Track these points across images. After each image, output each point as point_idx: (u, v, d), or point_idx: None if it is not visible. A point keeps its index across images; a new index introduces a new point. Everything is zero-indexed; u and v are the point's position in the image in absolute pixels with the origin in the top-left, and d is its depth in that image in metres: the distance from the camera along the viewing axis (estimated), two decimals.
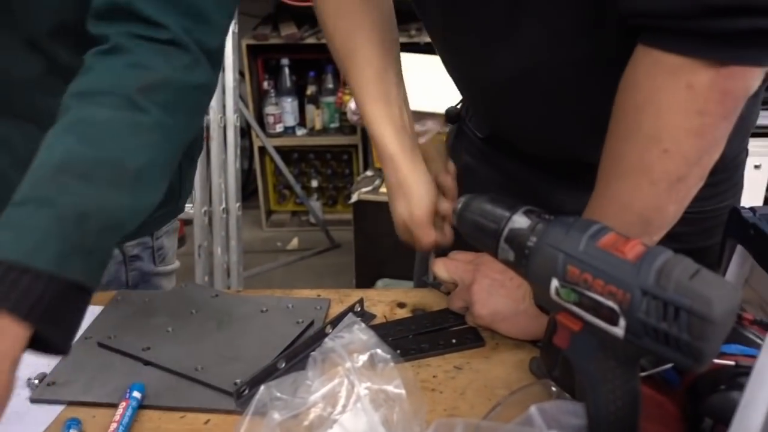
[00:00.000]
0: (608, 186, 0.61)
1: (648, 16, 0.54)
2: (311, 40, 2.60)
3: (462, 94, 0.92)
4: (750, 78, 0.54)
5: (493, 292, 0.74)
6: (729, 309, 0.43)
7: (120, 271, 0.94)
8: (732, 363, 0.56)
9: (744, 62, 0.52)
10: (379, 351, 0.59)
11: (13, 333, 0.51)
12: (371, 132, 0.80)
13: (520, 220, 0.52)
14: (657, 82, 0.55)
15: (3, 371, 0.50)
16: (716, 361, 0.56)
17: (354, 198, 2.14)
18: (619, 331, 0.47)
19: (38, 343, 0.53)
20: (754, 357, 0.58)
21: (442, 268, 0.79)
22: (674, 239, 0.63)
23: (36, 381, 0.70)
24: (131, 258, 0.94)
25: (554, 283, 0.49)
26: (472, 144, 0.95)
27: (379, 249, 2.19)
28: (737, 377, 0.55)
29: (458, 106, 0.98)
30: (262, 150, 2.86)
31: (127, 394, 0.66)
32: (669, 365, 0.61)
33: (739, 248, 0.76)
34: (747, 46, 0.51)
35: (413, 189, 0.77)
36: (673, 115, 0.55)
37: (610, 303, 0.46)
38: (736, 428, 0.42)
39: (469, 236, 0.57)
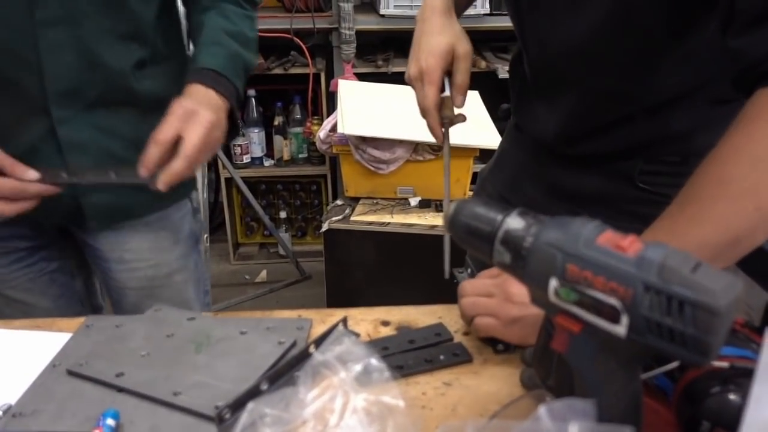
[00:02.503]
0: (710, 207, 0.61)
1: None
2: (278, 71, 2.60)
3: (529, 63, 0.95)
4: None
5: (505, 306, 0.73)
6: (733, 300, 0.43)
7: (192, 223, 1.14)
8: (726, 365, 0.56)
9: None
10: (373, 361, 0.56)
11: (224, 104, 0.93)
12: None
13: (515, 222, 0.51)
14: None
15: (222, 119, 0.91)
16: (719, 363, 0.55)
17: (325, 227, 2.12)
18: (621, 329, 0.46)
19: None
20: (747, 358, 0.58)
21: (468, 288, 0.77)
22: (643, 221, 0.64)
23: (0, 412, 0.66)
24: (194, 209, 1.17)
25: (553, 283, 0.48)
26: (509, 132, 1.08)
27: (351, 278, 2.16)
28: (733, 378, 0.55)
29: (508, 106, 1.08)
30: (229, 181, 2.82)
31: (101, 422, 0.62)
32: (659, 370, 0.60)
33: None
34: None
35: (459, 31, 0.86)
36: None
37: (612, 300, 0.45)
38: (748, 423, 0.40)
39: (463, 241, 0.55)
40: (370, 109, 2.07)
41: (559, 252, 0.48)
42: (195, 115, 0.86)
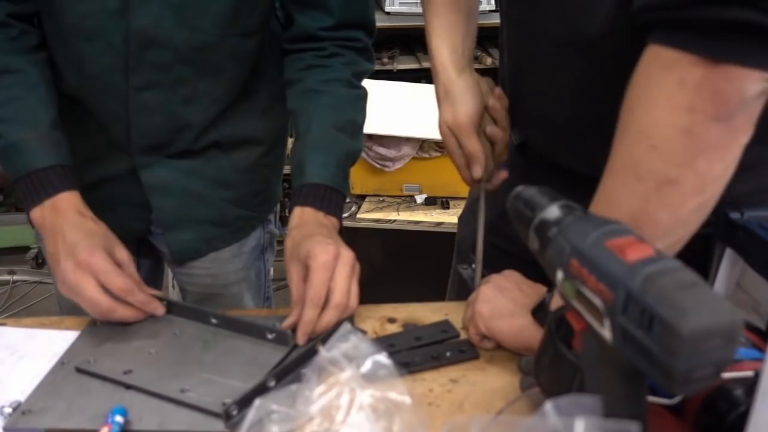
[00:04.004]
0: (602, 184, 0.60)
1: (647, 9, 0.54)
2: None
3: (511, 82, 0.89)
4: (745, 81, 0.51)
5: (498, 294, 0.74)
6: (707, 330, 0.38)
7: (260, 235, 1.12)
8: (751, 373, 0.52)
9: (734, 60, 0.51)
10: (379, 358, 0.56)
11: (333, 222, 0.85)
12: (429, 44, 0.85)
13: (552, 212, 0.52)
14: (651, 76, 0.54)
15: (337, 239, 0.80)
16: (730, 375, 0.53)
17: None
18: (607, 333, 0.45)
19: None
20: None
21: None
22: None
23: (9, 409, 0.66)
24: (266, 221, 1.14)
25: (559, 274, 0.49)
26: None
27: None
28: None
29: None
30: None
31: (109, 419, 0.63)
32: (667, 400, 0.54)
33: (729, 251, 0.76)
34: (738, 43, 0.50)
35: (459, 95, 0.81)
36: (662, 110, 0.54)
37: (597, 301, 0.44)
38: (755, 422, 0.40)
39: (514, 225, 0.57)
40: (376, 107, 2.05)
41: (568, 245, 0.48)
42: (339, 259, 0.75)
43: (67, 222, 0.80)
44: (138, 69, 0.87)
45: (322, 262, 0.74)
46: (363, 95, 0.97)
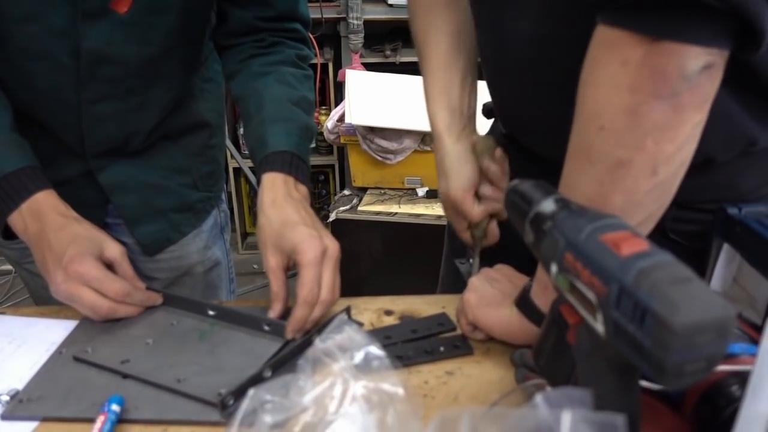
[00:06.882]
0: (564, 168, 0.60)
1: None
2: None
3: (487, 82, 0.88)
4: (684, 56, 0.50)
5: (487, 284, 0.75)
6: (699, 324, 0.38)
7: (216, 214, 1.15)
8: (748, 368, 0.50)
9: (672, 36, 0.50)
10: (373, 349, 0.57)
11: (304, 191, 0.85)
12: (427, 110, 0.84)
13: (547, 205, 0.52)
14: (597, 56, 0.54)
15: (319, 225, 0.78)
16: (728, 368, 0.53)
17: (332, 217, 2.12)
18: (599, 327, 0.45)
19: None
20: None
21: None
22: None
23: (7, 397, 0.67)
24: (219, 200, 1.17)
25: (553, 268, 0.48)
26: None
27: (358, 268, 2.17)
28: None
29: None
30: (237, 171, 2.83)
31: (105, 408, 0.63)
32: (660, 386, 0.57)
33: (726, 247, 0.76)
34: (675, 19, 0.50)
35: (450, 167, 0.81)
36: (607, 90, 0.54)
37: (590, 295, 0.44)
38: (745, 416, 0.40)
39: (510, 218, 0.57)
40: (378, 99, 2.07)
41: (563, 239, 0.48)
42: (325, 252, 0.75)
43: (50, 227, 0.78)
44: (89, 84, 0.87)
45: (312, 259, 0.74)
46: (310, 75, 0.99)
